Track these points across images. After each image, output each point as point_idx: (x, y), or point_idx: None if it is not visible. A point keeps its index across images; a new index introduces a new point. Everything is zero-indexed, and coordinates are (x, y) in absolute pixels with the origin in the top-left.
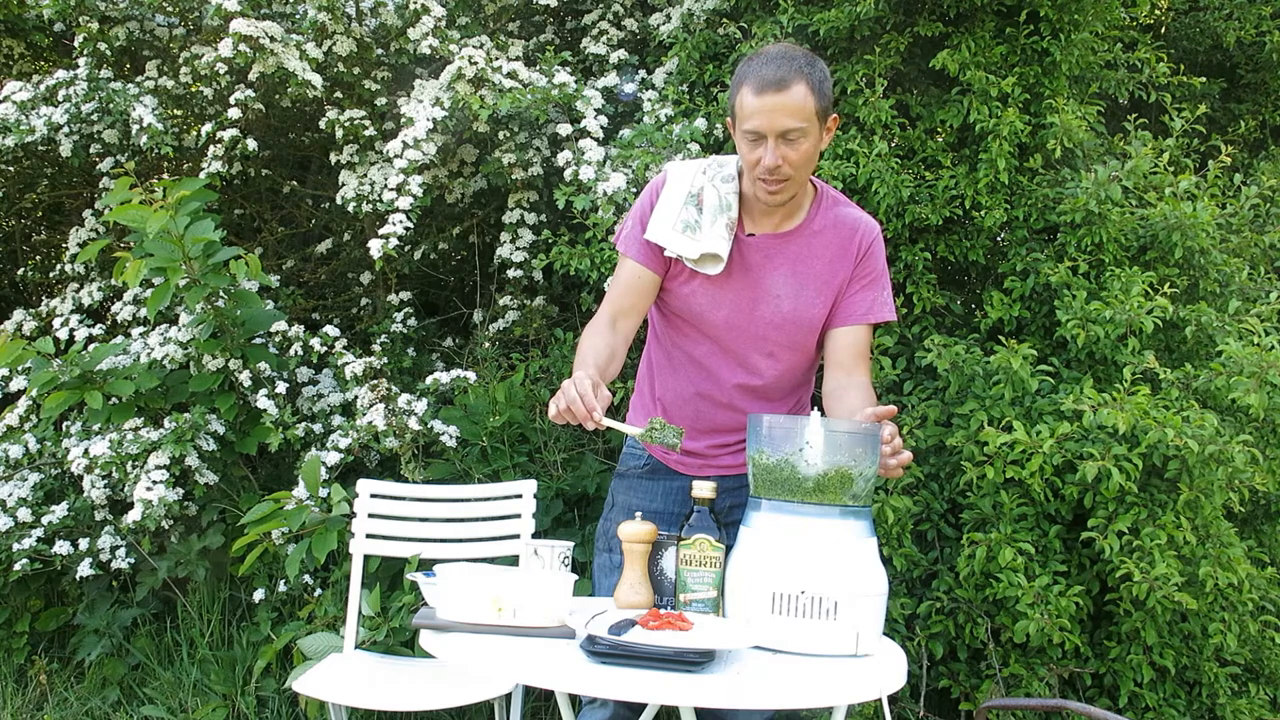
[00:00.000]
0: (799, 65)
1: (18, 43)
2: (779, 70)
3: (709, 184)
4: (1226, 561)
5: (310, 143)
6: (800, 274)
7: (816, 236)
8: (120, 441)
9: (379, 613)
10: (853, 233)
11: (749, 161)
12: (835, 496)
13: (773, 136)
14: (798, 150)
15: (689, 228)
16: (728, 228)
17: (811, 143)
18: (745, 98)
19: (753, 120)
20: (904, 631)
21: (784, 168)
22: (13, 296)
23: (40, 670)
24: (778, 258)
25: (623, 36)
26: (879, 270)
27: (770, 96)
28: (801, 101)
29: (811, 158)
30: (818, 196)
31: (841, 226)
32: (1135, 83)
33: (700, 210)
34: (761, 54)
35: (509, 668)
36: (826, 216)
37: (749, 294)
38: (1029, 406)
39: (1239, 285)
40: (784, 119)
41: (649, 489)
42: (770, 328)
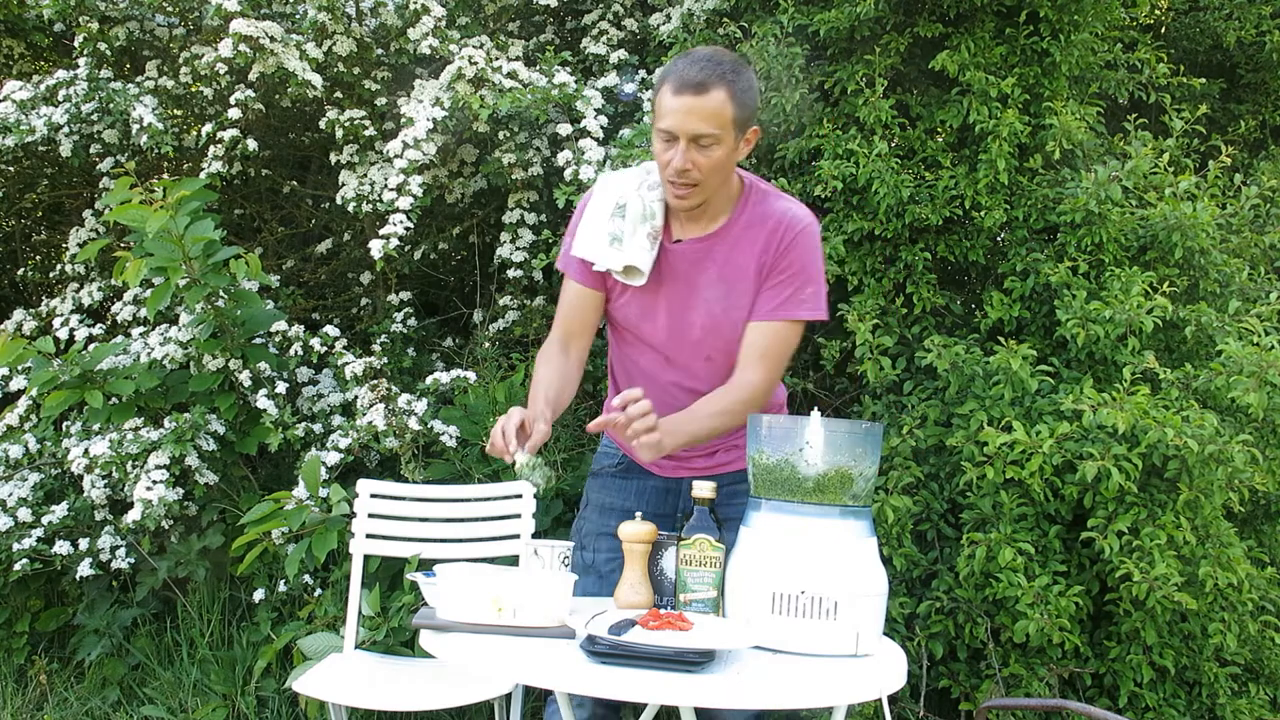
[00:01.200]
0: (723, 71)
1: (18, 43)
2: (701, 73)
3: (634, 192)
4: (1226, 561)
5: (310, 143)
6: (728, 275)
7: (742, 234)
8: (120, 441)
9: (379, 613)
10: (776, 227)
11: (660, 161)
12: (835, 496)
13: (684, 139)
14: (708, 156)
15: (615, 240)
16: (650, 237)
17: (724, 151)
18: (664, 96)
19: (667, 119)
20: (904, 631)
21: (692, 172)
22: (13, 296)
23: (40, 670)
24: (705, 261)
25: (623, 36)
26: (800, 266)
27: (688, 98)
28: (718, 107)
29: (722, 166)
30: (744, 193)
31: (766, 221)
32: (1135, 83)
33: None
34: (690, 54)
35: (509, 668)
36: (753, 213)
37: (680, 301)
38: (1029, 406)
39: (1239, 285)
40: (697, 123)
41: (622, 487)
42: (705, 333)
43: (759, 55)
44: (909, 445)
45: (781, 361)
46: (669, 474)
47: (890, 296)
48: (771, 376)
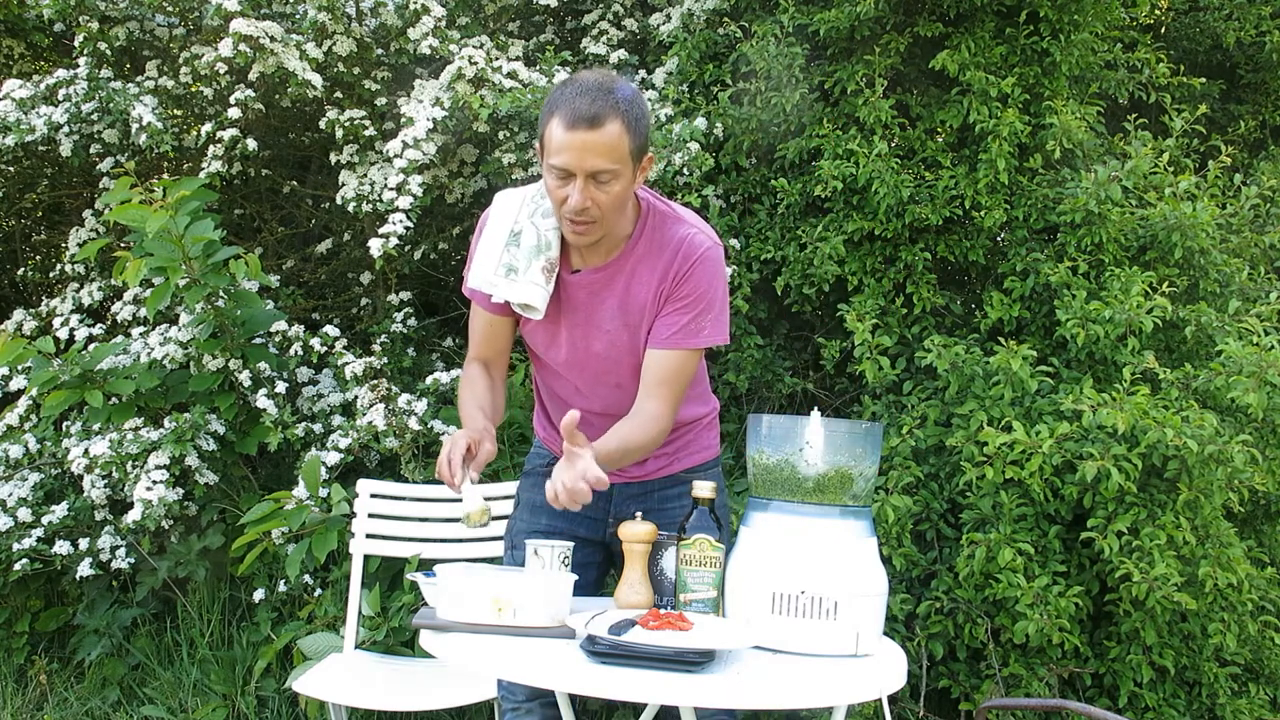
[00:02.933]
0: (615, 100)
1: (18, 43)
2: (593, 105)
3: (528, 221)
4: (1226, 561)
5: (310, 143)
6: (626, 304)
7: (641, 261)
8: (120, 441)
9: (379, 613)
10: (674, 254)
11: (555, 199)
12: (835, 496)
13: (581, 176)
14: (607, 192)
15: (510, 271)
16: (545, 271)
17: (624, 185)
18: (554, 130)
19: (560, 156)
20: (904, 631)
21: (591, 209)
22: (13, 296)
23: (40, 670)
24: (604, 291)
25: (623, 36)
26: (700, 293)
27: (581, 133)
28: (614, 141)
29: (622, 199)
30: (641, 217)
31: (664, 248)
32: (1135, 83)
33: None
34: (577, 81)
35: (509, 668)
36: (652, 238)
37: (582, 331)
38: (1029, 406)
39: (1239, 285)
40: (594, 159)
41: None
42: (609, 363)
43: (759, 55)
44: (909, 445)
45: (682, 387)
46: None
47: (890, 296)
48: (675, 401)
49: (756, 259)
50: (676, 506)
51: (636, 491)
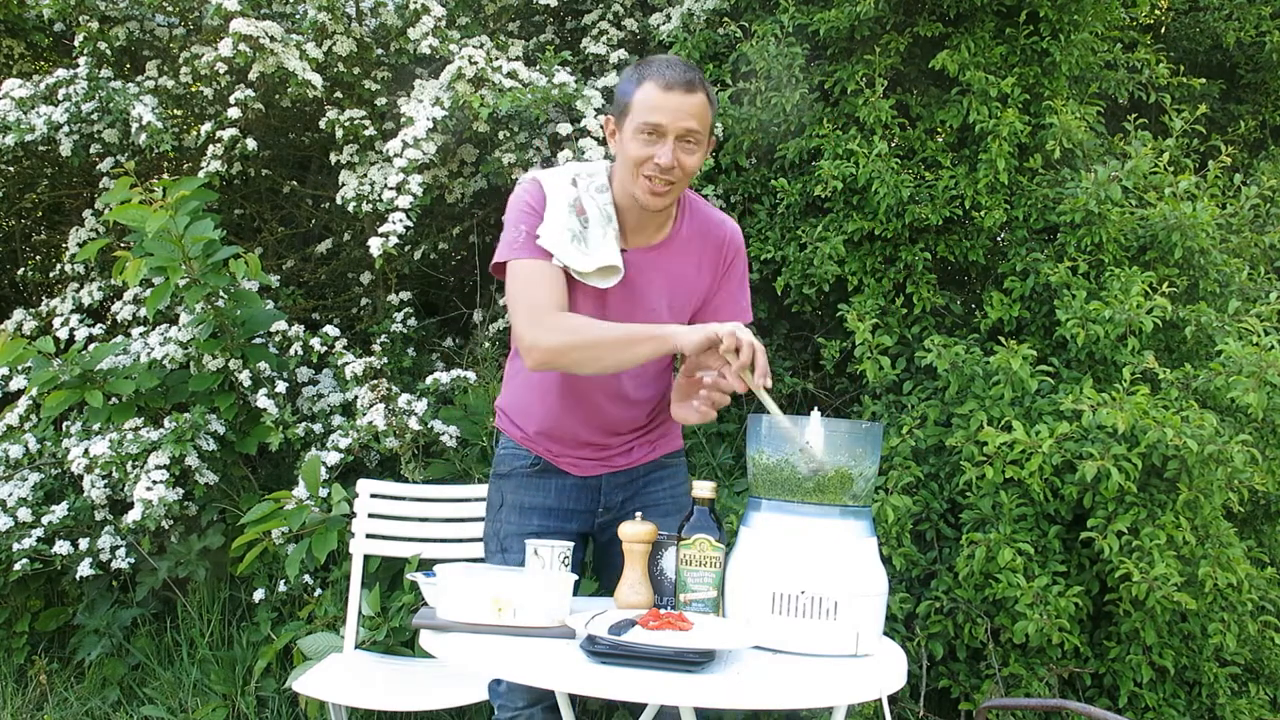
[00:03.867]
0: (701, 77)
1: (18, 43)
2: (687, 73)
3: (584, 194)
4: (1226, 561)
5: (310, 143)
6: (673, 286)
7: (687, 244)
8: (120, 441)
9: (379, 613)
10: (720, 239)
11: (638, 158)
12: (835, 496)
13: (674, 135)
14: (691, 157)
15: (576, 238)
16: (617, 239)
17: (701, 153)
18: (649, 91)
19: (656, 114)
20: (904, 631)
21: (675, 170)
22: (13, 296)
23: (40, 670)
24: (651, 271)
25: (623, 36)
26: (742, 274)
27: (678, 95)
28: (703, 108)
29: (696, 169)
30: (682, 203)
31: (709, 233)
32: (1135, 83)
33: (585, 222)
34: (659, 58)
35: (509, 668)
36: (693, 223)
37: (627, 309)
38: (1029, 406)
39: (1239, 285)
40: (688, 119)
41: (541, 486)
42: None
43: (759, 55)
44: (909, 445)
45: None
46: (587, 473)
47: (890, 296)
48: None
49: (756, 259)
50: (659, 490)
51: (623, 480)
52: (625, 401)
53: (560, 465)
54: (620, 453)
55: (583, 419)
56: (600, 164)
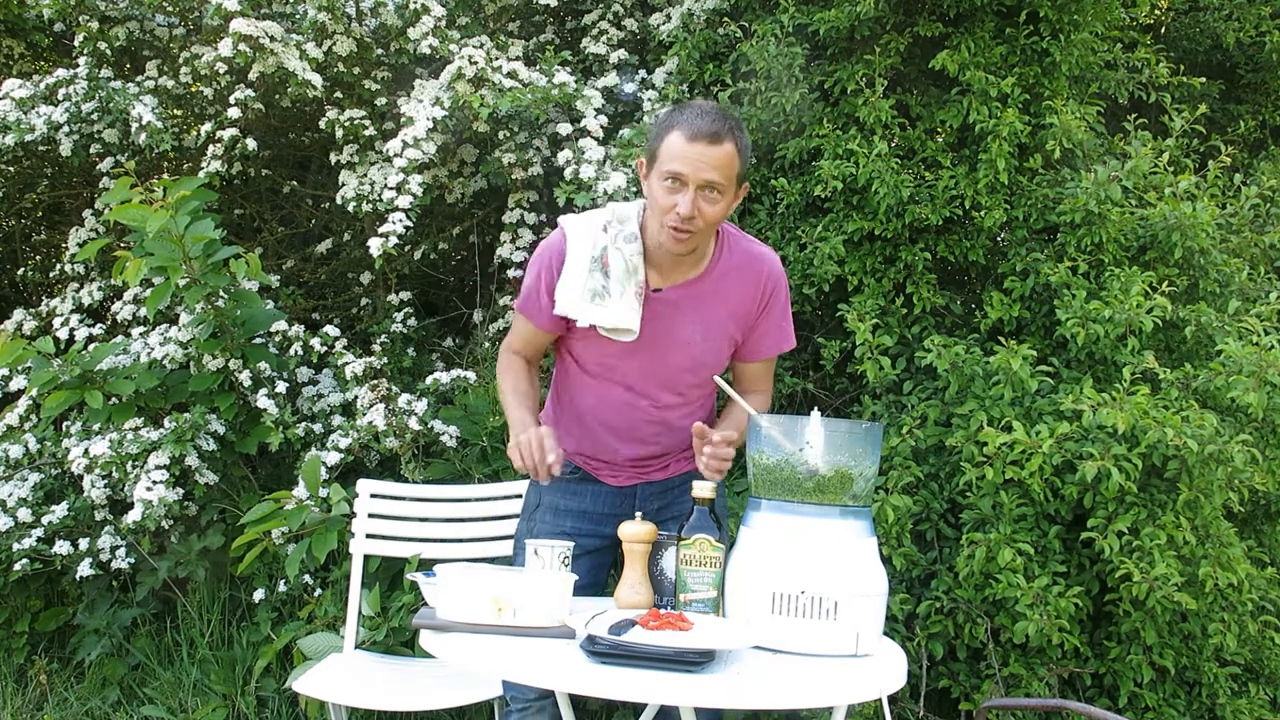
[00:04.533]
0: (732, 125)
1: (18, 43)
2: (714, 124)
3: (612, 246)
4: (1226, 561)
5: (310, 143)
6: (708, 319)
7: (723, 279)
8: (120, 441)
9: (379, 613)
10: (758, 274)
11: (662, 206)
12: (835, 496)
13: (694, 186)
14: (713, 207)
15: (597, 296)
16: (637, 295)
17: (726, 203)
18: (674, 141)
19: (677, 164)
20: (904, 631)
21: (696, 220)
22: (13, 296)
23: (40, 670)
24: (685, 305)
25: (623, 36)
26: (783, 304)
27: (702, 146)
28: (729, 159)
29: (721, 217)
30: (720, 238)
31: (747, 268)
32: (1135, 83)
33: (607, 275)
34: (693, 105)
35: (509, 668)
36: (731, 259)
37: (660, 345)
38: (1029, 406)
39: (1239, 285)
40: (710, 171)
41: (579, 491)
42: (681, 372)
43: (759, 55)
44: (909, 445)
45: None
46: (624, 483)
47: (890, 296)
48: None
49: None
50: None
51: (659, 489)
52: (670, 429)
53: (599, 476)
54: (659, 469)
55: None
56: (634, 206)
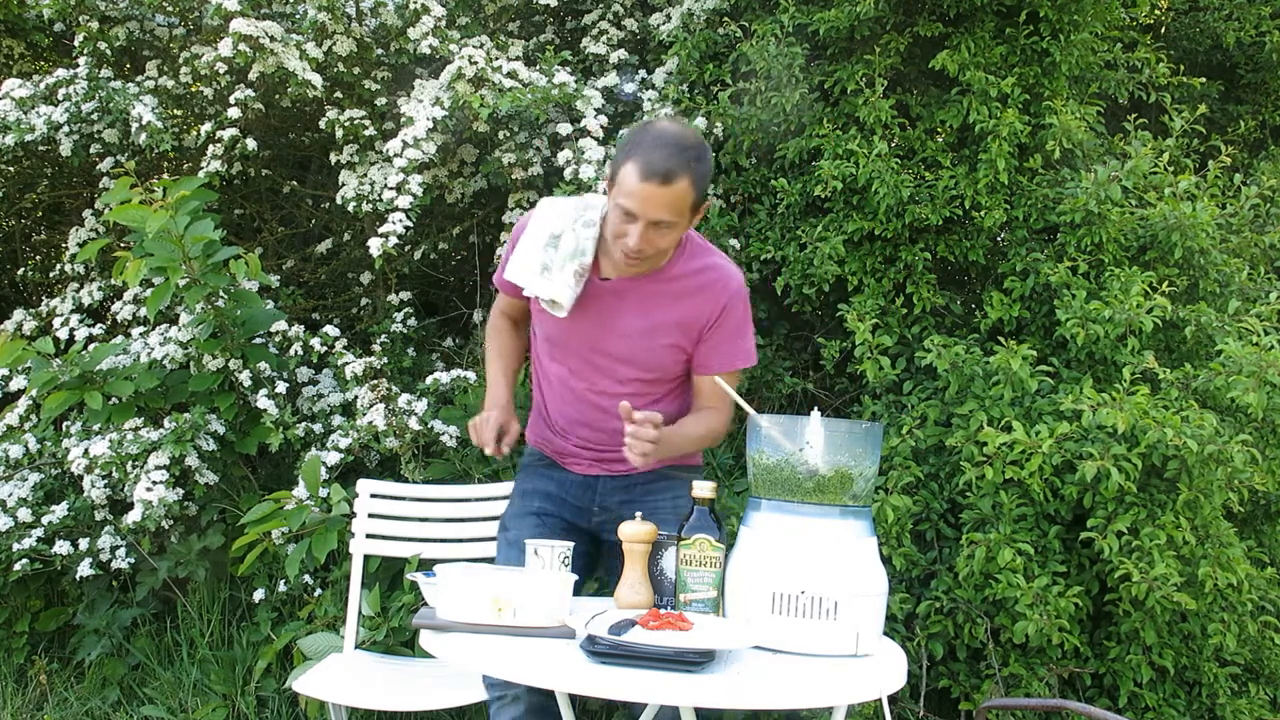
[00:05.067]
0: (688, 159)
1: (18, 43)
2: (668, 160)
3: (570, 228)
4: (1226, 561)
5: (310, 143)
6: (654, 317)
7: (673, 283)
8: (120, 441)
9: (379, 613)
10: (715, 287)
11: (616, 230)
12: (835, 496)
13: (644, 222)
14: (664, 238)
15: (545, 269)
16: (576, 275)
17: (679, 232)
18: (628, 175)
19: (629, 201)
20: (904, 631)
21: (646, 249)
22: (13, 296)
23: (40, 670)
24: (632, 298)
25: (623, 36)
26: (739, 321)
27: (653, 186)
28: (680, 196)
29: (675, 243)
30: (682, 244)
31: (704, 279)
32: (1135, 83)
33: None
34: (657, 131)
35: (509, 668)
36: (688, 266)
37: (599, 330)
38: (1028, 406)
39: (1239, 285)
40: (659, 210)
41: (545, 476)
42: (618, 362)
43: (759, 55)
44: (909, 445)
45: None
46: (585, 471)
47: (890, 296)
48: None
49: (756, 259)
50: (661, 498)
51: (622, 484)
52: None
53: (564, 463)
54: (616, 459)
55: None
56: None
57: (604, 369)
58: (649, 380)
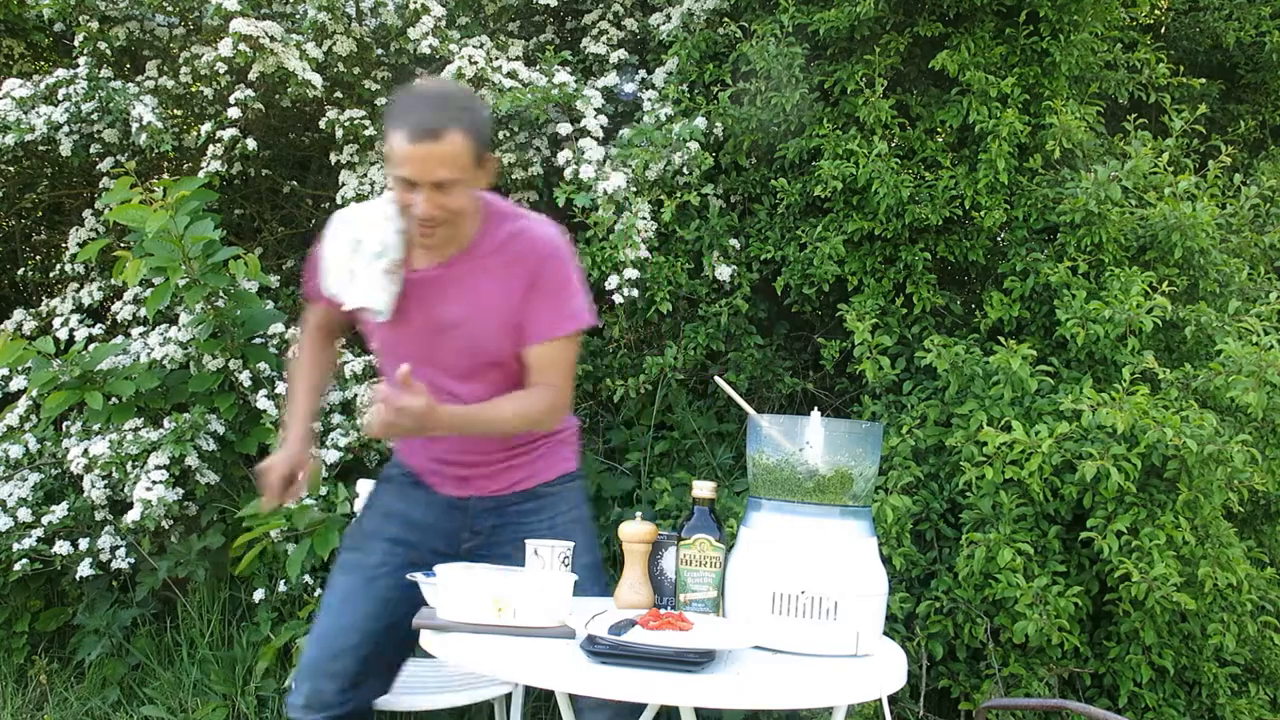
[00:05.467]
0: (455, 112)
1: (18, 43)
2: (435, 118)
3: (370, 227)
4: (1226, 562)
5: (310, 143)
6: (475, 299)
7: (486, 259)
8: (120, 441)
9: None
10: (524, 254)
11: (402, 203)
12: (835, 496)
13: (426, 186)
14: (452, 198)
15: (353, 275)
16: (386, 273)
17: (467, 189)
18: (397, 143)
19: (405, 168)
20: (904, 631)
21: (439, 214)
22: (13, 296)
23: (40, 670)
24: (448, 288)
25: (623, 36)
26: (559, 283)
27: (423, 145)
28: (456, 151)
29: (468, 201)
30: (486, 216)
31: (513, 246)
32: (1135, 83)
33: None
34: (416, 94)
35: (509, 668)
36: (496, 236)
37: (429, 328)
38: (1028, 406)
39: (1239, 285)
40: (438, 169)
41: (411, 496)
42: (456, 355)
43: (759, 55)
44: (909, 445)
45: (570, 372)
46: (452, 492)
47: (890, 296)
48: (565, 387)
49: (756, 259)
50: (534, 521)
51: (492, 505)
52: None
53: (429, 481)
54: (482, 476)
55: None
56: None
57: (444, 366)
58: (496, 370)
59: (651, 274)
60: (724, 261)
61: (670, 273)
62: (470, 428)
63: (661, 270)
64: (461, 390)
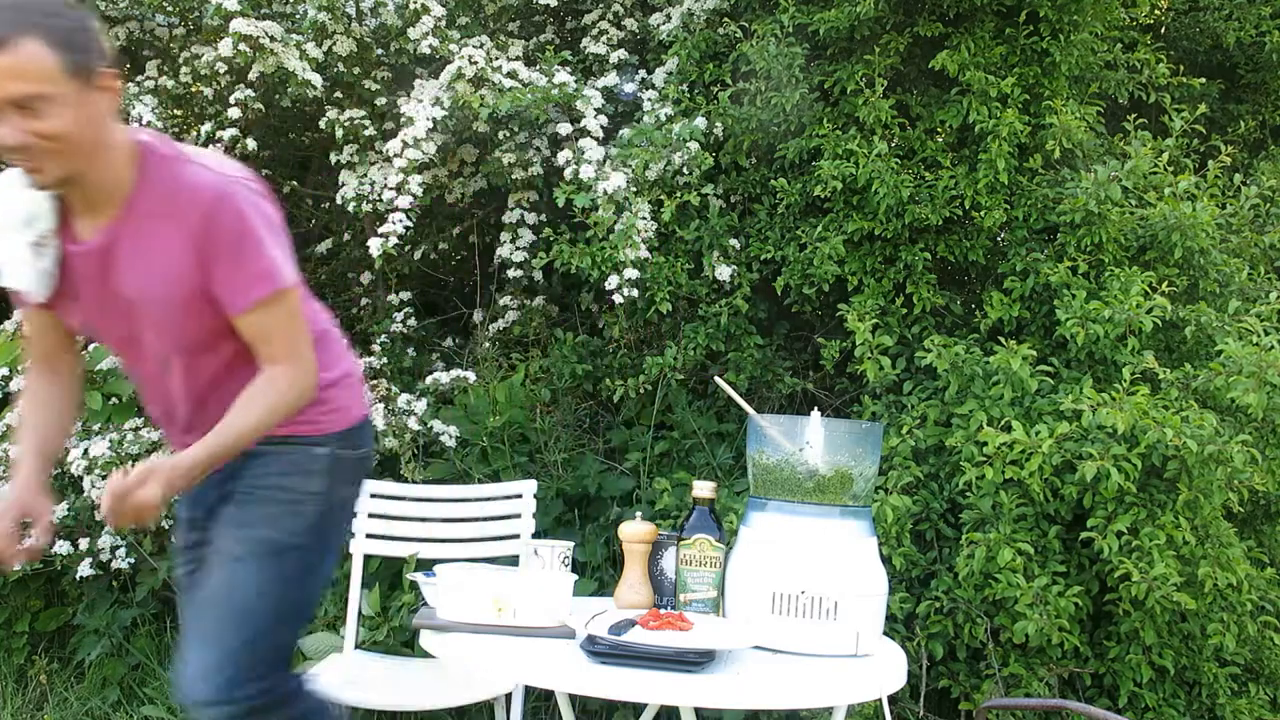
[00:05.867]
0: (25, 16)
1: None
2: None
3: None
4: (1226, 562)
5: (310, 143)
6: (147, 266)
7: (145, 219)
8: (120, 441)
9: (379, 613)
10: (185, 207)
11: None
12: (835, 496)
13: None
14: (48, 121)
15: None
16: (34, 246)
17: (70, 111)
18: None
19: None
20: (904, 631)
21: (36, 143)
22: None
23: (40, 670)
24: (116, 254)
25: (623, 36)
26: (233, 239)
27: None
28: (31, 62)
29: (80, 127)
30: (144, 163)
31: (174, 202)
32: (1135, 83)
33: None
34: None
35: (509, 668)
36: (156, 189)
37: (110, 305)
38: (1028, 406)
39: (1239, 285)
40: (9, 84)
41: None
42: (158, 337)
43: (759, 55)
44: (909, 445)
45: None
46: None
47: (890, 296)
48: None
49: (756, 259)
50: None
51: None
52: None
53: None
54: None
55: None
56: None
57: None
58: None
59: (651, 274)
60: (724, 261)
61: (670, 273)
62: (225, 454)
63: (661, 270)
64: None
